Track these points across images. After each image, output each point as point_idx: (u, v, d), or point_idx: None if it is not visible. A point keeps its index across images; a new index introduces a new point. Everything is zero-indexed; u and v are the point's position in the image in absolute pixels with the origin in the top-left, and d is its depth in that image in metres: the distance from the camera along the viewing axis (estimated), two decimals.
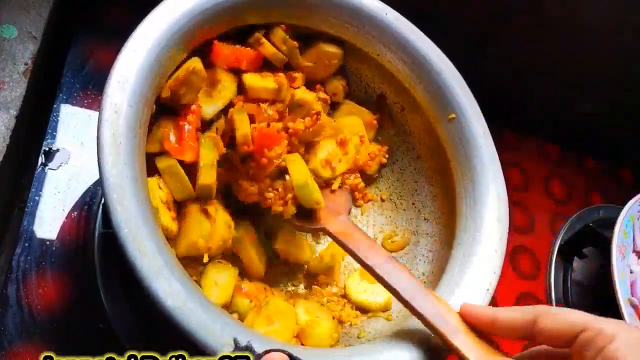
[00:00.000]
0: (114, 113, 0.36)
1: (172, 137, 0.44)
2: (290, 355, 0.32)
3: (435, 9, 0.66)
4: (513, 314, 0.36)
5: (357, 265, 0.57)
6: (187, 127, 0.44)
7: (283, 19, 0.51)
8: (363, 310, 0.53)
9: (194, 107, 0.46)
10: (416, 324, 0.41)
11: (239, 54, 0.49)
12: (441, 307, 0.39)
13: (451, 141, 0.52)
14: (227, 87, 0.49)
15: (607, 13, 0.67)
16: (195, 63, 0.44)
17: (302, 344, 0.47)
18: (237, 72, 0.50)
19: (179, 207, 0.45)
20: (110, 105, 0.36)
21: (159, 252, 0.34)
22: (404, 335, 0.40)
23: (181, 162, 0.44)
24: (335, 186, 0.54)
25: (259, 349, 0.33)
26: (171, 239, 0.43)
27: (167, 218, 0.42)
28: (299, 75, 0.53)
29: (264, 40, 0.50)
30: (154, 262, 0.33)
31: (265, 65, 0.51)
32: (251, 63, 0.50)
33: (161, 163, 0.44)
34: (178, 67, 0.44)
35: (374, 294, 0.52)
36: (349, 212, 0.52)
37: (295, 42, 0.52)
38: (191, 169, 0.45)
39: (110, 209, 0.33)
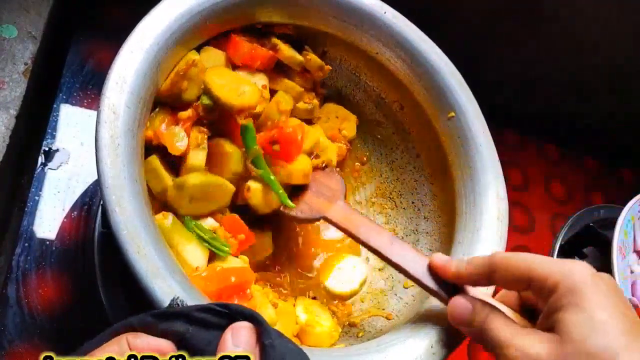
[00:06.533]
0: (112, 114, 0.36)
1: (164, 126, 0.43)
2: (259, 326, 0.28)
3: (434, 8, 0.66)
4: (472, 270, 0.37)
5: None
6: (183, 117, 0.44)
7: (281, 17, 0.50)
8: (342, 298, 0.54)
9: (196, 104, 0.45)
10: (415, 323, 0.41)
11: (256, 53, 0.49)
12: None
13: (451, 140, 0.52)
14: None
15: (607, 13, 0.67)
16: (194, 56, 0.44)
17: (302, 344, 0.47)
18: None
19: None
20: (108, 107, 0.36)
21: (157, 253, 0.34)
22: (403, 334, 0.40)
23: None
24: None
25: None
26: None
27: None
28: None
29: (280, 45, 0.51)
30: (153, 263, 0.33)
31: (277, 68, 0.52)
32: (265, 63, 0.50)
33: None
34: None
35: (349, 282, 0.54)
36: (345, 196, 0.52)
37: (329, 66, 0.55)
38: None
39: (108, 210, 0.33)
